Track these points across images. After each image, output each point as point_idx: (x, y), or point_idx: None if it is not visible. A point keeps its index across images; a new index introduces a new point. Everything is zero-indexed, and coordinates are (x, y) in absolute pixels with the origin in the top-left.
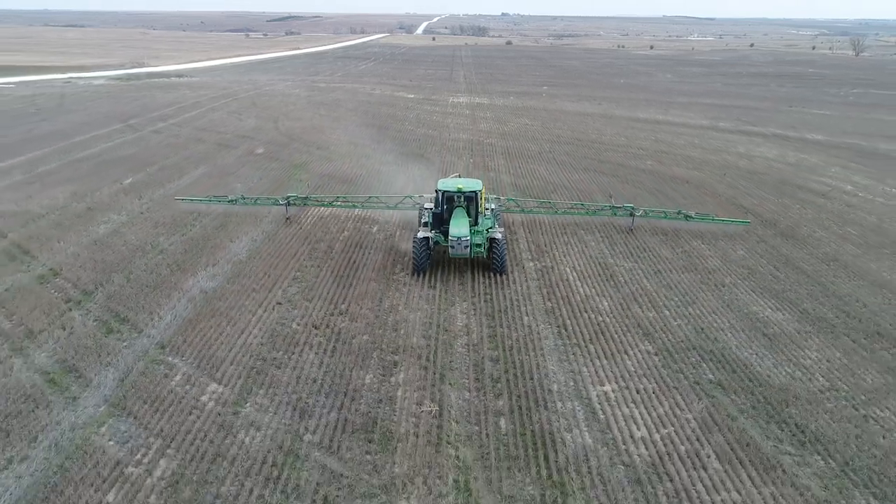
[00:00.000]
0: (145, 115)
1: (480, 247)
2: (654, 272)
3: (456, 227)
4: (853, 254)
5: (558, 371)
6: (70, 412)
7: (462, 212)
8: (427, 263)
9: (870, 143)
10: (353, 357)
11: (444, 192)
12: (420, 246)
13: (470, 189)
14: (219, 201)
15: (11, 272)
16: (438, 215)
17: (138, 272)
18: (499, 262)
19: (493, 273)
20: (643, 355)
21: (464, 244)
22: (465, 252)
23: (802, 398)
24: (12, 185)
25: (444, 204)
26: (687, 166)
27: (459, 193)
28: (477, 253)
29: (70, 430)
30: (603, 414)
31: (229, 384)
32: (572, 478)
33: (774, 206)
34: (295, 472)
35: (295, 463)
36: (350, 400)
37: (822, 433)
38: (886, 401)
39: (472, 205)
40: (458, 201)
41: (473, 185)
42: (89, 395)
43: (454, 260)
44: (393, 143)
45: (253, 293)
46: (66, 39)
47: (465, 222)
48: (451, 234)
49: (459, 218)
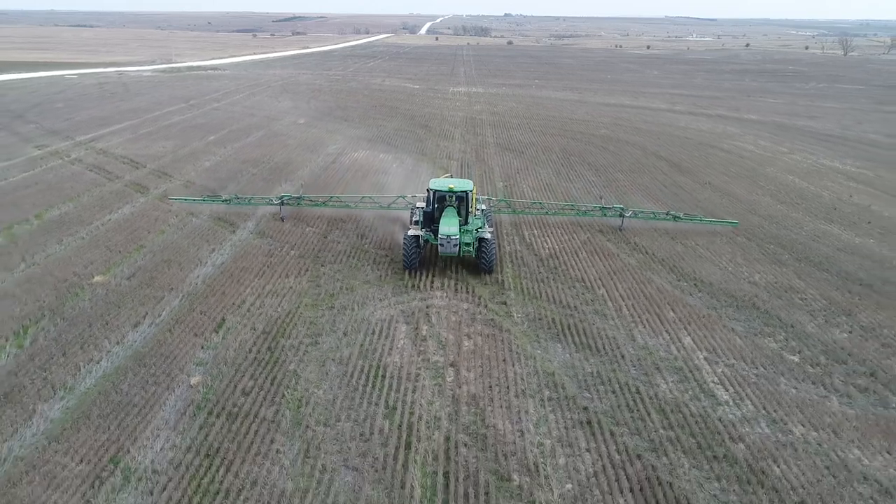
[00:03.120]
0: (200, 97)
1: (470, 246)
2: (588, 193)
3: (446, 226)
4: (723, 181)
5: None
6: (236, 235)
7: (452, 211)
8: (417, 261)
9: (791, 122)
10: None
11: (436, 192)
12: (410, 243)
13: (461, 189)
14: (213, 200)
15: (164, 183)
16: (429, 214)
17: (243, 183)
18: (487, 261)
19: (482, 272)
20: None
21: (453, 243)
22: (454, 251)
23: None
24: (126, 141)
25: (435, 203)
26: (632, 133)
27: (450, 193)
28: (466, 252)
29: (239, 242)
30: (533, 243)
31: (319, 229)
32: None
33: (682, 156)
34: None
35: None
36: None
37: (662, 252)
38: (703, 238)
39: (463, 205)
40: (448, 201)
41: (464, 185)
42: (242, 230)
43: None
44: (403, 118)
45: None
46: (83, 39)
47: (455, 221)
48: (441, 232)
49: (449, 217)
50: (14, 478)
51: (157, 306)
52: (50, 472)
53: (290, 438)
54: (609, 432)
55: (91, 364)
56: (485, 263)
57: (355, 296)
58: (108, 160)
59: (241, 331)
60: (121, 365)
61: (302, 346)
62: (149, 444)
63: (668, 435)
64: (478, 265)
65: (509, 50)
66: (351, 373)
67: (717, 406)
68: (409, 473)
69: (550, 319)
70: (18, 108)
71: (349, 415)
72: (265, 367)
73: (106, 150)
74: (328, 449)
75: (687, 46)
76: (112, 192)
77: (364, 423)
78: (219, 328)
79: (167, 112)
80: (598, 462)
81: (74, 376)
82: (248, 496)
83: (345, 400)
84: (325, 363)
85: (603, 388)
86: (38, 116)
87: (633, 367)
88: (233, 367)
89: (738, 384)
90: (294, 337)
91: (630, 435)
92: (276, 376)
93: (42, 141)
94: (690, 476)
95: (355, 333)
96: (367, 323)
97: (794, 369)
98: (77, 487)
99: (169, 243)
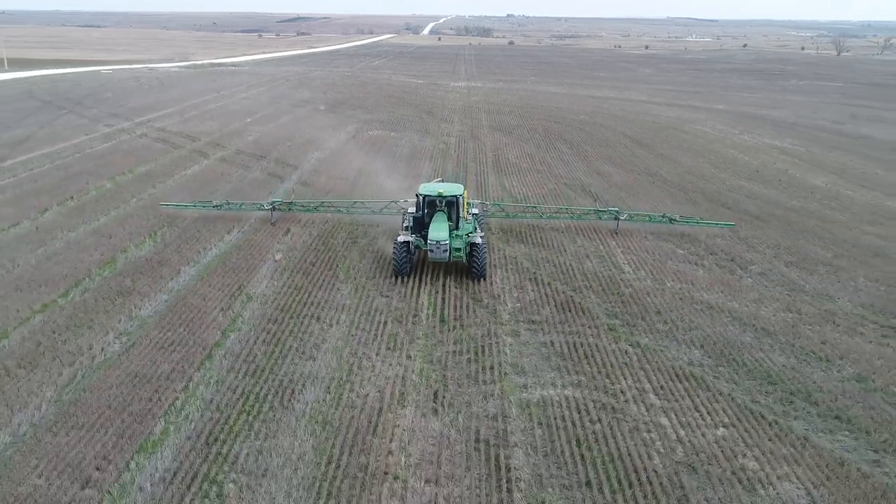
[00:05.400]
0: (228, 89)
1: (460, 251)
2: (561, 160)
3: (435, 230)
4: (672, 154)
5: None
6: (284, 184)
7: (443, 216)
8: (408, 267)
9: (754, 111)
10: None
11: (426, 197)
12: (400, 249)
13: (451, 193)
14: (203, 206)
15: (220, 151)
16: (419, 219)
17: (283, 151)
18: (478, 267)
19: (473, 279)
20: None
21: (442, 248)
22: (443, 256)
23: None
24: (177, 122)
25: (426, 208)
26: (608, 119)
27: (440, 198)
28: (456, 257)
29: (283, 190)
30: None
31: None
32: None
33: (646, 135)
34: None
35: None
36: None
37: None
38: (643, 187)
39: (454, 209)
40: (439, 205)
41: (455, 189)
42: (288, 181)
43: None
44: (409, 106)
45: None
46: (94, 38)
47: (445, 226)
48: (430, 237)
49: (439, 222)
50: (182, 295)
51: (240, 223)
52: (202, 293)
53: (344, 283)
54: (547, 283)
55: (206, 250)
56: (476, 269)
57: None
58: (167, 135)
59: (303, 235)
60: (226, 250)
61: (346, 244)
62: (258, 284)
63: (585, 284)
64: (469, 271)
65: (510, 50)
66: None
67: (622, 274)
68: (419, 298)
69: (517, 232)
70: (75, 97)
71: (378, 272)
72: (322, 253)
73: (163, 129)
74: (369, 287)
75: (685, 47)
76: (180, 157)
77: (389, 275)
78: (286, 233)
79: (203, 100)
80: (537, 294)
81: (198, 254)
82: (323, 307)
83: (376, 269)
84: (364, 254)
85: (548, 265)
86: (94, 103)
87: (571, 256)
88: (301, 252)
89: (638, 264)
90: (339, 238)
91: (561, 284)
92: (331, 258)
93: (108, 121)
94: (594, 301)
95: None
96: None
97: (680, 257)
98: (220, 300)
99: (235, 189)
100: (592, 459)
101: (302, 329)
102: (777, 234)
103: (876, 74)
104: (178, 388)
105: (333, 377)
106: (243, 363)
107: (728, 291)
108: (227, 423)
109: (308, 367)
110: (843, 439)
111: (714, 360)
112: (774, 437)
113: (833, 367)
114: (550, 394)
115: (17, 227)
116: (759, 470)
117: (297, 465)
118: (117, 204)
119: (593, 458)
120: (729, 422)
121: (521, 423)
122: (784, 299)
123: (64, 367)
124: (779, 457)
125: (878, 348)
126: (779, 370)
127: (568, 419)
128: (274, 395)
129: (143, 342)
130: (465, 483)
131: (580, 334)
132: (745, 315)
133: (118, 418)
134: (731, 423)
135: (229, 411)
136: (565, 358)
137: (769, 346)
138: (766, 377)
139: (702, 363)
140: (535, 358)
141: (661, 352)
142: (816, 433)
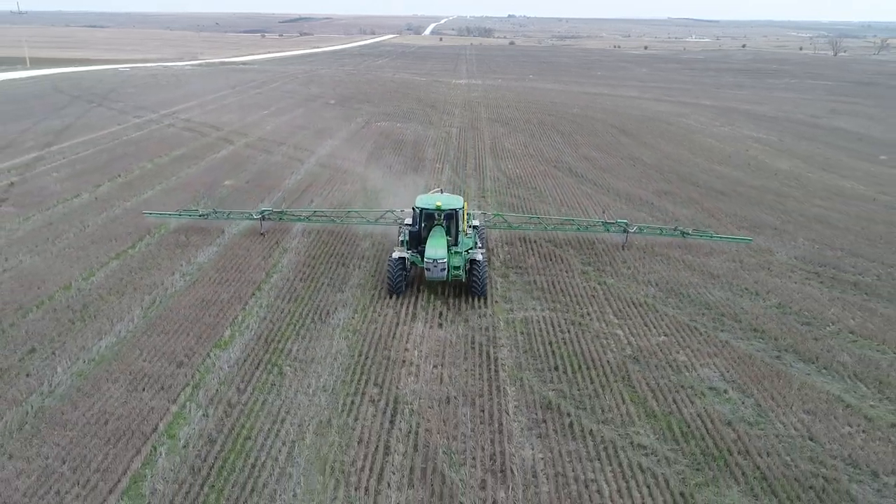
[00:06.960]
0: (242, 85)
1: (459, 269)
2: (552, 147)
3: (433, 247)
4: (654, 142)
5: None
6: (304, 166)
7: (441, 231)
8: (403, 285)
9: (738, 106)
10: None
11: (423, 210)
12: (395, 267)
13: (449, 206)
14: (189, 215)
15: (243, 138)
16: (416, 234)
17: (300, 138)
18: (479, 285)
19: (473, 297)
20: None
21: (440, 267)
22: (441, 275)
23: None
24: (199, 114)
25: (423, 222)
26: (598, 112)
27: (438, 211)
28: (455, 276)
29: (306, 170)
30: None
31: (365, 150)
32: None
33: (631, 126)
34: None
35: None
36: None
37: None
38: (624, 169)
39: (452, 223)
40: (437, 219)
41: (454, 202)
42: (307, 162)
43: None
44: (413, 101)
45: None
46: (101, 38)
47: (443, 243)
48: (427, 255)
49: (437, 238)
50: (230, 247)
51: (269, 195)
52: (245, 246)
53: (363, 240)
54: (533, 241)
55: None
56: (476, 288)
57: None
58: (193, 125)
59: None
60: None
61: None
62: (291, 240)
63: (566, 240)
64: (469, 288)
65: (511, 50)
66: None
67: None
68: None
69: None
70: (101, 92)
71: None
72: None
73: (188, 119)
74: (385, 242)
75: (684, 47)
76: (208, 143)
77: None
78: (311, 203)
79: (220, 95)
80: (524, 248)
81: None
82: (348, 256)
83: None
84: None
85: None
86: (119, 98)
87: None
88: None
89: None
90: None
91: (546, 242)
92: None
93: (136, 113)
94: (571, 253)
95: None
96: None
97: (649, 223)
98: (262, 252)
99: (261, 170)
100: (560, 354)
101: (331, 272)
102: (736, 207)
103: (866, 74)
104: (237, 309)
105: (359, 304)
106: (287, 293)
107: (685, 247)
108: (280, 331)
109: (338, 296)
110: (756, 343)
111: (665, 293)
112: (703, 342)
113: (760, 299)
114: (531, 315)
115: (79, 197)
116: (686, 361)
117: (336, 357)
118: (160, 180)
119: (561, 354)
120: (669, 332)
121: (507, 332)
122: (731, 253)
123: (145, 295)
124: (703, 354)
125: (801, 286)
126: (716, 300)
127: (544, 330)
128: (314, 314)
129: (203, 280)
130: (464, 367)
131: (558, 276)
132: (697, 264)
133: (195, 327)
134: (670, 333)
135: (280, 324)
136: (545, 291)
137: (712, 285)
138: (705, 305)
139: (655, 296)
140: (520, 292)
141: (623, 288)
142: (736, 340)
